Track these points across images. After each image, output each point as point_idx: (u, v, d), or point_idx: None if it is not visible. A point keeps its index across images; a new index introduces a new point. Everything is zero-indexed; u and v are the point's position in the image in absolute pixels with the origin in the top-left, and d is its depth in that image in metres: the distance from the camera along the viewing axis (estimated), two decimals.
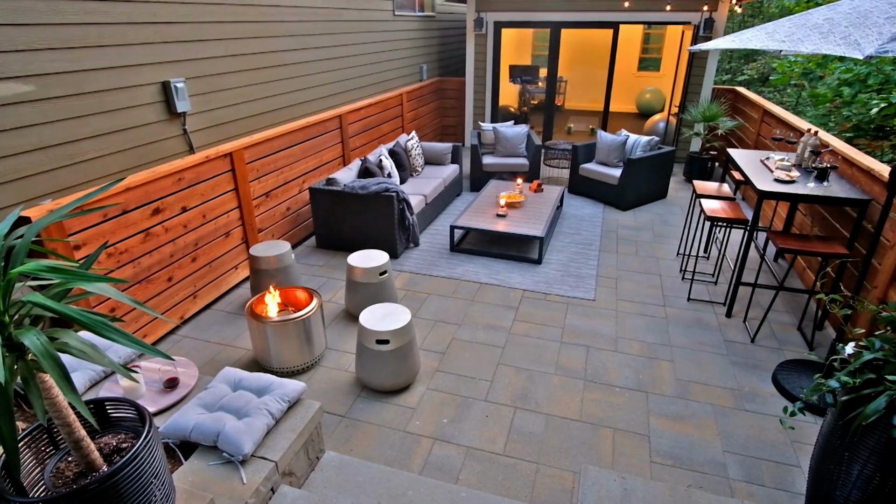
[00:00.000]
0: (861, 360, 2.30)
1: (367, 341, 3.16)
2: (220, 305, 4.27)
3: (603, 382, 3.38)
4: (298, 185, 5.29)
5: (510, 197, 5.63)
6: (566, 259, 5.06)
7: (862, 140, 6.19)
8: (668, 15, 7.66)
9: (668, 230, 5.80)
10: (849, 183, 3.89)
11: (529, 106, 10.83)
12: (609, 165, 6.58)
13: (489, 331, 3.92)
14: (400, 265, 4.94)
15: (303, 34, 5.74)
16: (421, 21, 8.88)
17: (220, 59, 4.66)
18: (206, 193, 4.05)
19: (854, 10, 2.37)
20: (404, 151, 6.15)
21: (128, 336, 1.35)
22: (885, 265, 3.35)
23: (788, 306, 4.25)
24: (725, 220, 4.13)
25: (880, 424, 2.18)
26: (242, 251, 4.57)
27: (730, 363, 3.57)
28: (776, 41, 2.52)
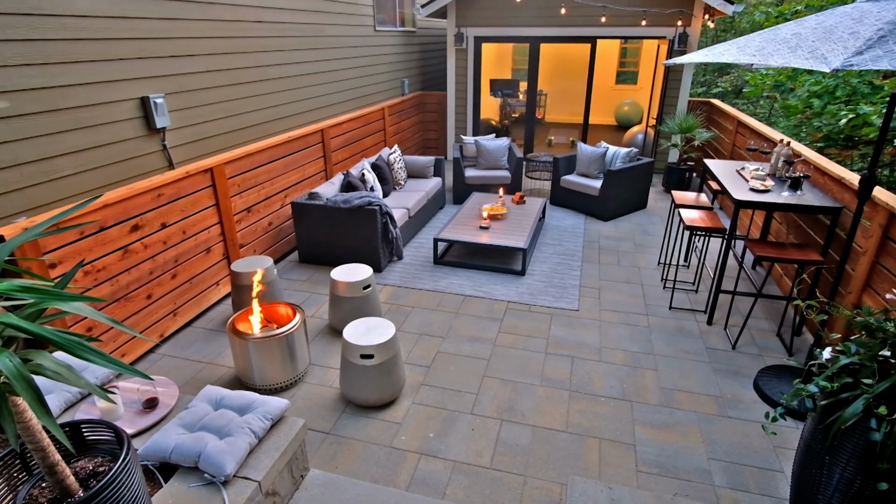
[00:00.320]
0: (838, 365, 2.34)
1: (352, 356, 3.13)
2: (201, 323, 4.21)
3: (588, 392, 3.39)
4: (280, 200, 5.26)
5: (493, 209, 5.66)
6: (549, 270, 5.10)
7: (832, 149, 6.37)
8: (644, 30, 7.84)
9: (648, 240, 5.88)
10: (821, 191, 3.99)
11: (510, 119, 10.95)
12: (590, 177, 6.66)
13: (474, 343, 3.92)
14: (384, 279, 4.92)
15: (285, 49, 5.75)
16: (402, 36, 8.96)
17: (201, 74, 4.64)
18: (186, 209, 4.01)
19: (820, 26, 2.45)
20: (387, 165, 6.17)
21: (105, 356, 1.32)
22: (858, 271, 3.43)
23: (767, 313, 4.32)
24: (704, 230, 4.21)
25: (858, 427, 2.22)
26: (224, 267, 4.51)
27: (712, 370, 3.61)
28: (747, 55, 2.60)
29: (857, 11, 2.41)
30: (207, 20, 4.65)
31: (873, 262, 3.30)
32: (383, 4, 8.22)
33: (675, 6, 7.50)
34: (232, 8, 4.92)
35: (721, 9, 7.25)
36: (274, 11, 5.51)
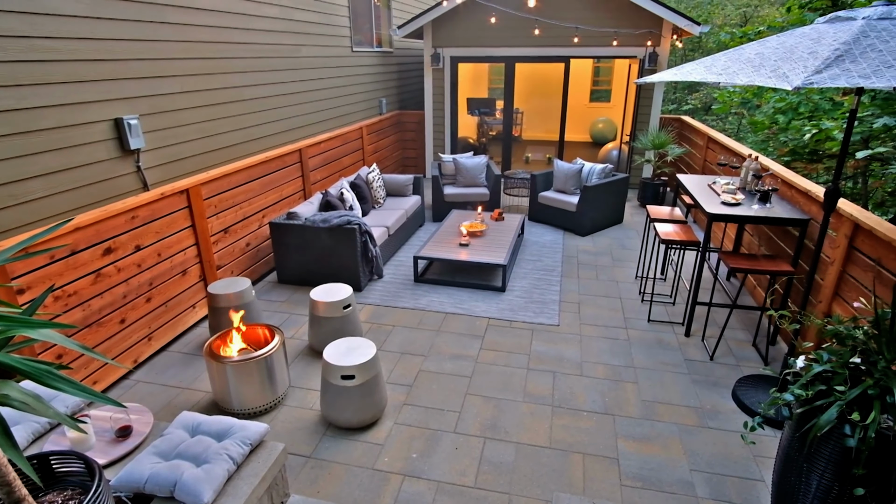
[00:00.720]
0: (811, 373, 2.39)
1: (332, 377, 3.09)
2: (177, 347, 4.11)
3: (570, 407, 3.39)
4: (258, 220, 5.21)
5: (472, 226, 5.70)
6: (529, 286, 5.13)
7: (798, 163, 6.60)
8: (615, 50, 8.06)
9: (625, 254, 5.97)
10: (789, 204, 4.12)
11: (488, 137, 11.08)
12: (567, 193, 6.76)
13: (456, 361, 3.90)
14: (364, 298, 4.89)
15: (261, 70, 5.75)
16: (379, 56, 9.04)
17: (176, 95, 4.61)
18: (161, 231, 3.94)
19: (781, 46, 2.56)
20: (366, 184, 6.17)
21: (75, 384, 1.28)
22: (827, 280, 3.53)
23: (743, 323, 4.40)
24: (679, 243, 4.29)
25: (834, 434, 2.26)
26: (200, 289, 4.43)
27: (691, 382, 3.66)
28: (714, 74, 2.69)
29: (816, 32, 2.52)
30: (182, 41, 4.63)
31: (841, 271, 3.40)
32: (360, 26, 8.31)
33: (645, 27, 7.74)
34: (207, 30, 4.92)
35: (688, 29, 7.51)
36: (250, 33, 5.52)
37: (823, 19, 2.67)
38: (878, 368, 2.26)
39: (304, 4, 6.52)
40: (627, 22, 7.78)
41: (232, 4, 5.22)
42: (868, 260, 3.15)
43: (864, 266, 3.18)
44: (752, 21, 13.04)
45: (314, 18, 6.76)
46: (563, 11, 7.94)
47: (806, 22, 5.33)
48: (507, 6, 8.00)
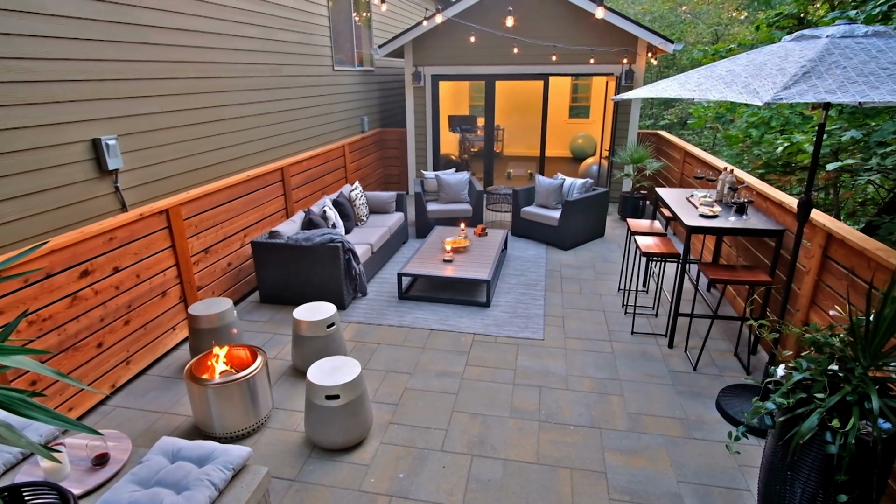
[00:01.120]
0: (792, 381, 2.43)
1: (316, 397, 3.05)
2: (157, 370, 4.02)
3: (557, 422, 3.39)
4: (240, 240, 5.16)
5: (455, 242, 5.71)
6: (514, 300, 5.14)
7: (772, 175, 6.76)
8: (593, 67, 8.24)
9: (608, 267, 6.03)
10: (765, 215, 4.21)
11: (470, 153, 11.19)
12: (548, 208, 6.83)
13: (442, 378, 3.88)
14: (348, 316, 4.85)
15: (242, 89, 5.75)
16: (360, 75, 9.11)
17: (155, 115, 4.58)
18: (140, 252, 3.88)
19: (751, 63, 2.64)
20: (348, 201, 6.16)
21: (49, 412, 1.24)
22: (803, 289, 3.61)
23: (724, 333, 4.46)
24: (659, 255, 4.35)
25: (816, 442, 2.29)
26: (181, 311, 4.36)
27: (676, 393, 3.68)
28: (688, 90, 2.76)
29: (783, 50, 2.61)
30: (162, 61, 4.62)
31: (817, 280, 3.48)
32: (341, 45, 8.37)
33: (621, 45, 7.93)
34: (188, 50, 4.91)
35: (662, 47, 7.71)
36: (230, 53, 5.53)
37: (790, 37, 2.77)
38: (856, 375, 2.30)
39: (285, 25, 6.56)
40: (604, 40, 7.96)
41: (212, 25, 5.23)
42: (842, 269, 3.22)
43: (839, 275, 3.25)
44: (723, 39, 13.44)
45: (295, 38, 6.80)
46: (542, 30, 8.10)
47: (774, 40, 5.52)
48: (486, 25, 8.14)
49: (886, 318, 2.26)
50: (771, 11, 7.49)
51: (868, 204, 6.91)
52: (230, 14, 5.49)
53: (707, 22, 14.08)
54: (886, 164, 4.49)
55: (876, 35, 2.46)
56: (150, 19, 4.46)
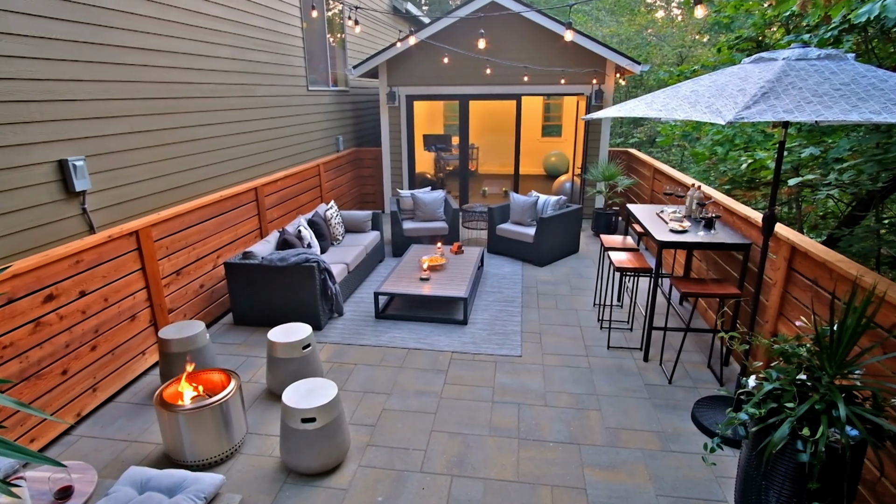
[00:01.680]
0: (763, 392, 2.49)
1: (292, 421, 2.98)
2: (125, 397, 3.89)
3: (536, 439, 3.38)
4: (213, 261, 5.07)
5: (432, 260, 5.72)
6: (491, 318, 5.15)
7: (738, 191, 6.98)
8: (564, 87, 8.44)
9: (583, 282, 6.10)
10: (732, 230, 4.34)
11: (445, 172, 11.27)
12: (523, 225, 6.91)
13: (420, 397, 3.85)
14: (324, 336, 4.79)
15: (215, 109, 5.71)
16: (335, 95, 9.14)
17: (125, 135, 4.50)
18: (108, 275, 3.78)
19: (713, 84, 2.75)
20: (324, 221, 6.13)
21: (7, 444, 1.19)
22: (771, 301, 3.71)
23: (697, 346, 4.55)
24: (632, 270, 4.43)
25: (788, 450, 2.34)
26: (151, 335, 4.24)
27: (652, 406, 3.72)
28: (654, 110, 2.85)
29: (743, 71, 2.73)
30: (133, 82, 4.56)
31: (783, 292, 3.58)
32: (315, 65, 8.40)
33: (590, 66, 8.16)
34: (159, 70, 4.87)
35: (630, 68, 7.95)
36: (203, 73, 5.49)
37: (749, 60, 2.89)
38: (823, 384, 2.37)
39: (259, 45, 6.56)
40: (574, 62, 8.18)
41: (184, 46, 5.21)
42: (806, 280, 3.33)
43: (803, 286, 3.36)
44: (687, 60, 13.95)
45: (269, 59, 6.81)
46: (514, 52, 8.29)
47: (735, 62, 5.75)
48: (459, 47, 8.28)
49: (849, 327, 2.34)
50: (731, 35, 7.81)
51: (829, 217, 7.18)
52: (202, 35, 5.48)
53: (672, 44, 14.61)
54: (843, 179, 4.69)
55: (828, 58, 2.59)
56: (120, 40, 4.41)
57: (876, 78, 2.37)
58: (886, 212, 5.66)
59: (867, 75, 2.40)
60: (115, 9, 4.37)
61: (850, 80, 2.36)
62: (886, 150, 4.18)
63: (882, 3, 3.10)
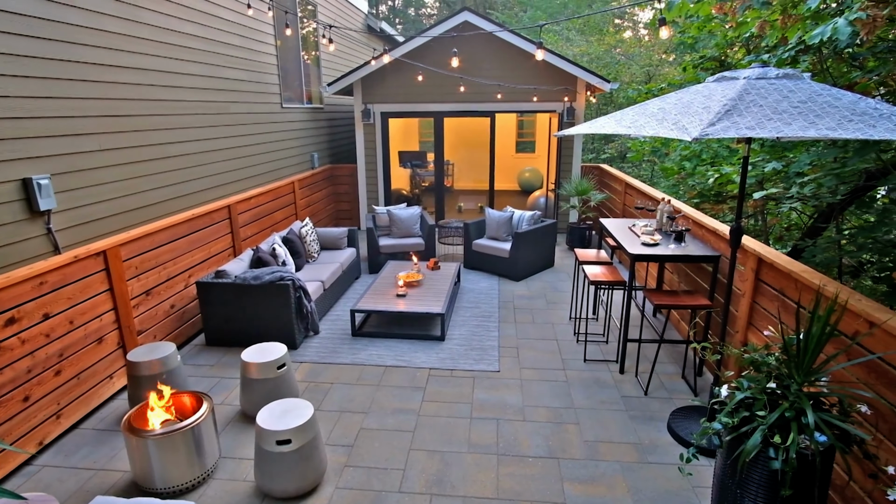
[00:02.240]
0: (735, 401, 2.53)
1: (266, 443, 2.92)
2: (91, 423, 3.75)
3: (515, 454, 3.37)
4: (184, 280, 4.96)
5: (409, 276, 5.70)
6: (468, 333, 5.15)
7: (706, 204, 7.18)
8: (536, 105, 8.60)
9: (559, 296, 6.16)
10: (701, 242, 4.45)
11: (421, 188, 11.32)
12: (499, 240, 6.96)
13: (398, 415, 3.80)
14: (300, 356, 4.71)
15: (187, 126, 5.64)
16: (310, 112, 9.13)
17: (93, 153, 4.41)
18: (74, 297, 3.66)
19: (679, 101, 2.84)
20: (299, 238, 6.07)
21: None
22: (740, 311, 3.80)
23: (671, 357, 4.62)
24: (607, 283, 4.50)
25: (761, 458, 2.38)
26: (119, 357, 4.11)
27: (629, 418, 3.75)
28: (623, 127, 2.93)
29: (707, 90, 2.83)
30: (102, 99, 4.49)
31: (752, 302, 3.68)
32: (290, 83, 8.40)
33: (562, 84, 8.34)
34: (129, 87, 4.80)
35: (600, 86, 8.16)
36: (175, 90, 5.44)
37: (713, 78, 3.00)
38: (792, 391, 2.43)
39: (232, 63, 6.53)
40: (546, 80, 8.35)
41: (156, 63, 5.15)
42: (773, 290, 3.43)
43: (770, 296, 3.46)
44: (654, 79, 14.39)
45: (242, 76, 6.78)
46: (487, 70, 8.42)
47: (700, 80, 5.97)
48: (433, 65, 8.38)
49: (814, 335, 2.42)
50: (695, 54, 8.10)
51: (793, 229, 7.42)
52: (174, 52, 5.43)
53: (640, 63, 15.06)
54: (805, 193, 4.87)
55: (786, 77, 2.70)
56: (90, 57, 4.34)
57: (830, 96, 2.49)
58: (846, 223, 5.89)
59: (822, 93, 2.51)
60: (85, 26, 4.31)
61: (807, 98, 2.47)
62: (843, 164, 4.37)
63: (833, 26, 3.27)
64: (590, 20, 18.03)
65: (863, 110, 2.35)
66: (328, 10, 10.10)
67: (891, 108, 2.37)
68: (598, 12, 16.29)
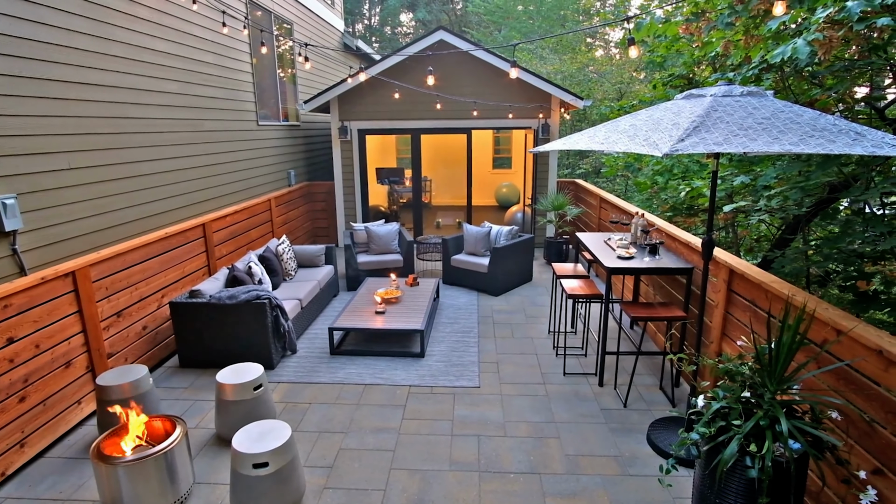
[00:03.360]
0: (711, 411, 2.57)
1: (243, 467, 2.84)
2: (58, 451, 3.60)
3: (497, 471, 3.35)
4: (157, 301, 4.85)
5: (387, 293, 5.68)
6: (448, 349, 5.13)
7: (679, 218, 7.34)
8: (512, 122, 8.73)
9: (537, 310, 6.20)
10: (675, 255, 4.54)
11: (399, 204, 11.32)
12: (477, 255, 6.99)
13: (378, 434, 3.75)
14: (277, 376, 4.63)
15: (160, 144, 5.56)
16: (286, 130, 9.09)
17: (62, 171, 4.31)
18: (40, 319, 3.54)
19: (650, 118, 2.92)
20: (275, 256, 6.00)
21: None
22: (714, 322, 3.88)
23: (649, 368, 4.67)
24: (584, 297, 4.54)
25: (738, 467, 2.42)
26: (88, 382, 3.98)
27: (609, 431, 3.77)
28: (597, 143, 2.99)
29: (676, 107, 2.91)
30: (71, 117, 4.40)
31: (725, 313, 3.76)
32: (266, 100, 8.37)
33: (537, 101, 8.49)
34: (99, 105, 4.73)
35: (574, 103, 8.33)
36: (147, 108, 5.37)
37: (681, 96, 3.10)
38: (766, 400, 2.48)
39: (206, 80, 6.49)
40: (521, 97, 8.49)
41: (128, 80, 5.09)
42: (745, 301, 3.51)
43: (743, 307, 3.54)
44: (626, 96, 14.75)
45: (217, 94, 6.73)
46: (463, 88, 8.53)
47: (669, 97, 6.15)
48: (410, 83, 8.45)
49: (785, 344, 2.48)
50: (664, 72, 8.35)
51: (762, 240, 7.63)
52: (148, 70, 5.38)
53: (611, 80, 15.42)
54: (772, 205, 5.02)
55: (750, 94, 2.80)
56: (58, 74, 4.27)
57: (793, 113, 2.59)
58: (812, 234, 6.08)
59: (785, 110, 2.61)
60: (56, 43, 4.25)
61: (770, 115, 2.57)
62: (807, 178, 4.52)
63: (793, 46, 3.41)
64: (563, 39, 18.45)
65: (823, 126, 2.44)
66: (304, 28, 10.14)
67: (849, 124, 2.48)
68: (570, 32, 16.69)
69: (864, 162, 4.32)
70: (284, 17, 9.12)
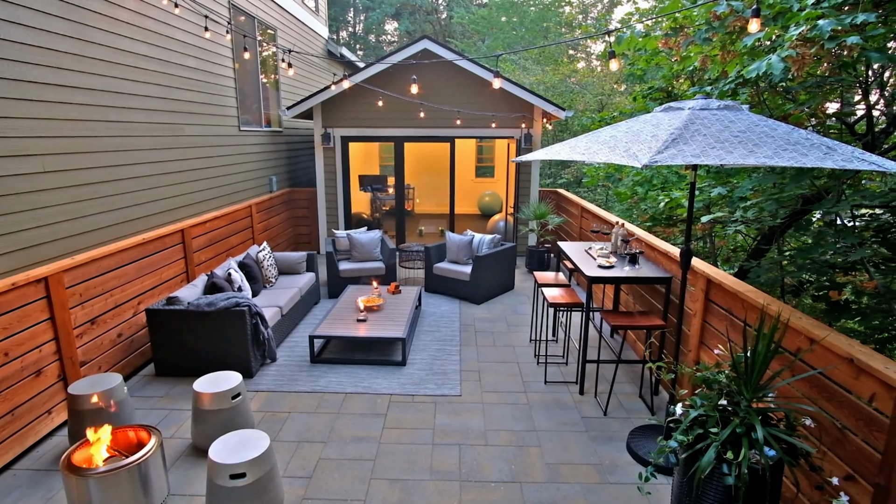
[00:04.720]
0: (689, 419, 2.60)
1: (219, 478, 2.79)
2: (26, 463, 3.49)
3: (478, 480, 3.34)
4: (133, 308, 4.75)
5: (369, 301, 5.64)
6: (429, 357, 5.12)
7: (658, 228, 7.46)
8: (494, 131, 8.80)
9: (519, 319, 6.22)
10: (654, 264, 4.61)
11: (381, 212, 11.29)
12: (460, 263, 7.00)
13: (358, 444, 3.72)
14: (256, 384, 4.56)
15: (139, 149, 5.48)
16: (268, 136, 9.03)
17: (36, 175, 4.21)
18: (10, 327, 3.44)
19: (629, 130, 2.97)
20: (256, 263, 5.93)
21: None
22: (692, 331, 3.94)
23: (628, 377, 4.71)
24: (565, 305, 4.58)
25: (715, 475, 2.45)
26: (59, 391, 3.87)
27: (589, 439, 3.79)
28: (578, 153, 3.03)
29: (655, 119, 2.97)
30: (45, 119, 4.31)
31: (702, 321, 3.82)
32: (248, 106, 8.30)
33: (519, 111, 8.57)
34: (75, 107, 4.64)
35: (555, 114, 8.44)
36: (126, 111, 5.28)
37: (660, 108, 3.16)
38: (742, 408, 2.52)
39: (187, 84, 6.42)
40: (504, 107, 8.57)
41: (106, 83, 5.01)
42: (721, 310, 3.58)
43: (720, 316, 3.60)
44: (607, 107, 14.98)
45: (198, 98, 6.66)
46: (447, 97, 8.58)
47: (649, 109, 6.26)
48: (394, 91, 8.47)
49: (760, 352, 2.53)
50: (644, 85, 8.51)
51: (739, 250, 7.79)
52: (127, 73, 5.30)
53: (593, 92, 15.66)
54: (748, 216, 5.14)
55: (727, 108, 2.87)
56: (33, 75, 4.18)
57: (767, 126, 2.66)
58: (786, 245, 6.23)
59: (760, 124, 2.68)
60: (33, 44, 4.16)
61: (746, 129, 2.63)
62: (782, 190, 4.64)
63: (768, 62, 3.51)
64: (545, 51, 18.70)
65: (796, 140, 2.51)
66: (288, 34, 10.10)
67: (820, 138, 2.56)
68: (553, 44, 16.92)
69: (836, 175, 4.45)
70: (268, 22, 9.08)
